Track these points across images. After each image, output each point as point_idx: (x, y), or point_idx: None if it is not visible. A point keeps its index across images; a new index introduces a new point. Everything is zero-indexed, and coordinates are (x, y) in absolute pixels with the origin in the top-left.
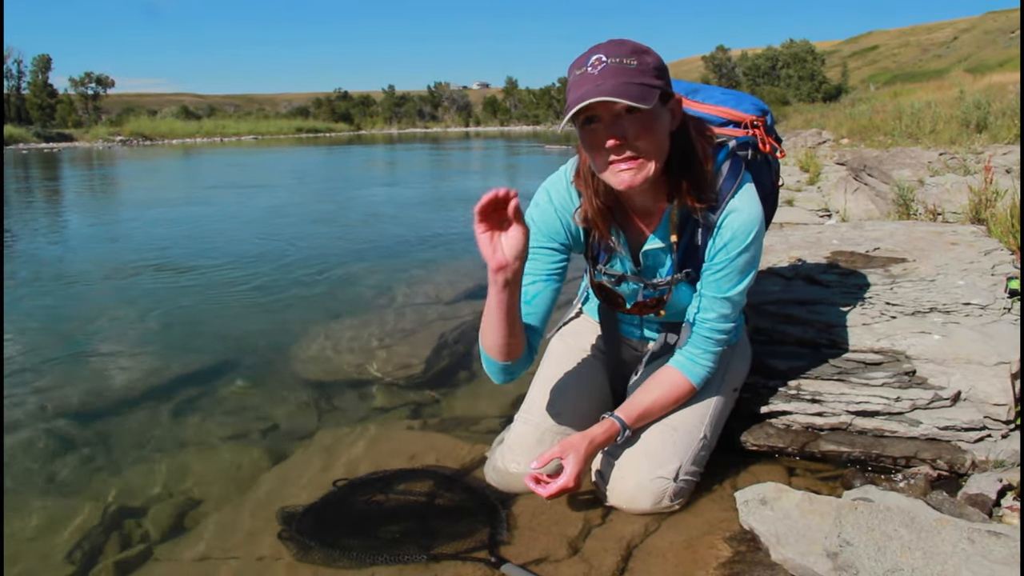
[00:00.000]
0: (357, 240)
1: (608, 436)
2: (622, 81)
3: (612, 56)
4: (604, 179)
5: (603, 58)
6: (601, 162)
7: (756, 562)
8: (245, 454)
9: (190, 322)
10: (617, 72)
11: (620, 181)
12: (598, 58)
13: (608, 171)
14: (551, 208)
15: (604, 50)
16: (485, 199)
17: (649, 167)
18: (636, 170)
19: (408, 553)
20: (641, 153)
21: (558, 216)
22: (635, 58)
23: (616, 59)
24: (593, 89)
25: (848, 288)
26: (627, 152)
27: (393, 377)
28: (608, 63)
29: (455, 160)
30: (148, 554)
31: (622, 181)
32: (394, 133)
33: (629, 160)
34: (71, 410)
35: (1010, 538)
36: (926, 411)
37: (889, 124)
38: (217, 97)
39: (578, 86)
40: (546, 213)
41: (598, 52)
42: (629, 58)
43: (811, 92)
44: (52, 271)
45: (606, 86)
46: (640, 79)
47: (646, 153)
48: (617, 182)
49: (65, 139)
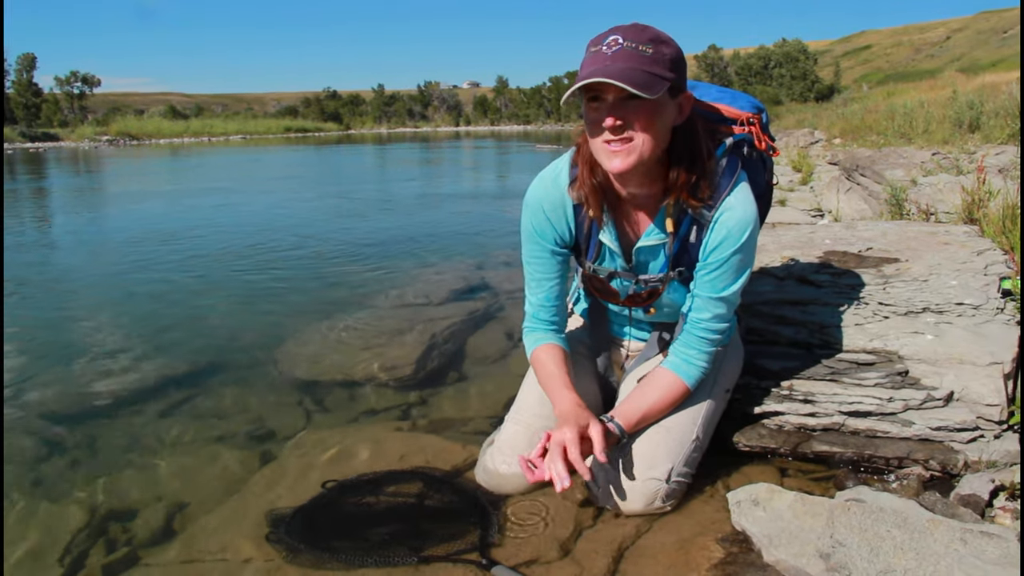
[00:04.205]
0: (347, 240)
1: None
2: (631, 66)
3: (629, 40)
4: (598, 160)
5: (620, 40)
6: (598, 141)
7: (748, 563)
8: (233, 456)
9: (177, 323)
10: (629, 56)
11: (611, 163)
12: (615, 39)
13: (602, 151)
14: (540, 210)
15: (623, 32)
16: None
17: (642, 154)
18: (627, 154)
19: (398, 555)
20: (636, 139)
21: (547, 216)
22: (652, 46)
23: (632, 44)
24: (601, 69)
25: (841, 288)
26: (623, 135)
27: (383, 378)
28: (623, 46)
29: (447, 159)
30: (135, 557)
31: (613, 164)
32: (384, 133)
33: (624, 143)
34: (57, 412)
35: (1003, 539)
36: (919, 411)
37: (882, 124)
38: (205, 96)
39: (589, 63)
40: (536, 215)
41: (616, 33)
42: (646, 45)
43: (803, 92)
44: (37, 272)
45: (614, 68)
46: (651, 68)
47: (642, 140)
48: (609, 164)
49: (51, 139)
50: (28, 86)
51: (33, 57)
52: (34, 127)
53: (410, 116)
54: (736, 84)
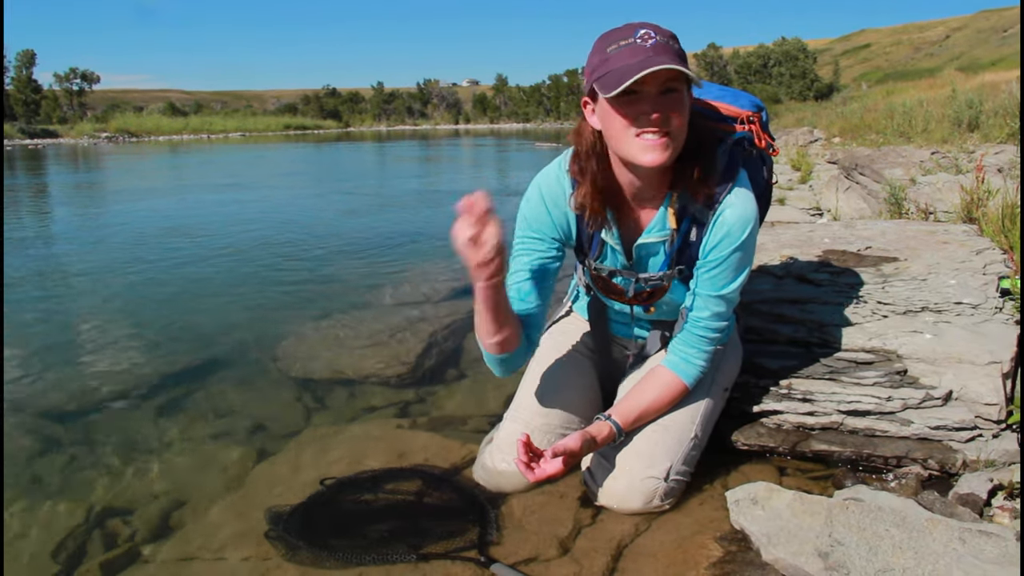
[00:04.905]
0: (346, 237)
1: (603, 439)
2: (672, 57)
3: (659, 35)
4: (627, 156)
5: (652, 34)
6: (629, 135)
7: (747, 562)
8: (232, 453)
9: (176, 321)
10: (667, 49)
11: (648, 158)
12: (647, 32)
13: (636, 145)
14: (542, 203)
15: (650, 27)
16: (467, 209)
17: (677, 146)
18: (664, 147)
19: (397, 553)
20: (673, 131)
21: (548, 210)
22: (674, 42)
23: (663, 38)
24: (654, 59)
25: (839, 287)
26: (662, 128)
27: (382, 376)
28: (657, 40)
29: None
30: (134, 554)
31: (651, 158)
32: (383, 130)
33: (662, 136)
34: (55, 409)
35: (1001, 538)
36: (917, 411)
37: (881, 123)
38: (204, 93)
39: (630, 55)
40: (537, 208)
41: (646, 28)
42: (671, 40)
43: (803, 90)
44: (36, 269)
45: (667, 59)
46: (682, 62)
47: (678, 131)
48: (645, 159)
49: (50, 135)
50: (27, 83)
51: (32, 53)
52: (33, 124)
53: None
54: (736, 82)
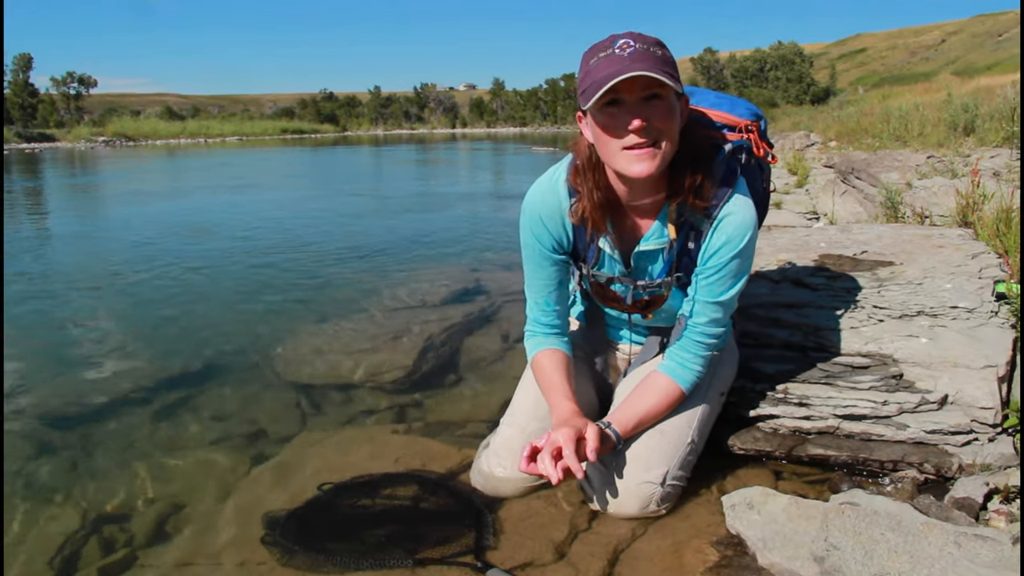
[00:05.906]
0: (343, 242)
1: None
2: (651, 64)
3: (639, 42)
4: (616, 167)
5: (631, 43)
6: (615, 148)
7: (743, 566)
8: (229, 458)
9: (173, 325)
10: (645, 56)
11: (636, 169)
12: (626, 42)
13: (622, 158)
14: (539, 223)
15: (631, 36)
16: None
17: (664, 156)
18: (651, 157)
19: (393, 558)
20: (660, 139)
21: (545, 226)
22: (659, 49)
23: (643, 46)
24: (629, 66)
25: (836, 291)
26: (646, 138)
27: (379, 380)
28: (637, 48)
29: (443, 160)
30: (131, 559)
31: (638, 169)
32: (380, 134)
33: (647, 147)
34: (52, 414)
35: (997, 542)
36: (913, 415)
37: (877, 127)
38: (201, 97)
39: (607, 65)
40: (536, 225)
41: (625, 37)
42: (655, 47)
43: (799, 94)
44: (34, 273)
45: (639, 66)
46: (664, 67)
47: (667, 139)
48: (632, 170)
49: (47, 139)
50: (24, 86)
51: (30, 57)
52: (30, 127)
53: (406, 118)
54: (732, 86)
